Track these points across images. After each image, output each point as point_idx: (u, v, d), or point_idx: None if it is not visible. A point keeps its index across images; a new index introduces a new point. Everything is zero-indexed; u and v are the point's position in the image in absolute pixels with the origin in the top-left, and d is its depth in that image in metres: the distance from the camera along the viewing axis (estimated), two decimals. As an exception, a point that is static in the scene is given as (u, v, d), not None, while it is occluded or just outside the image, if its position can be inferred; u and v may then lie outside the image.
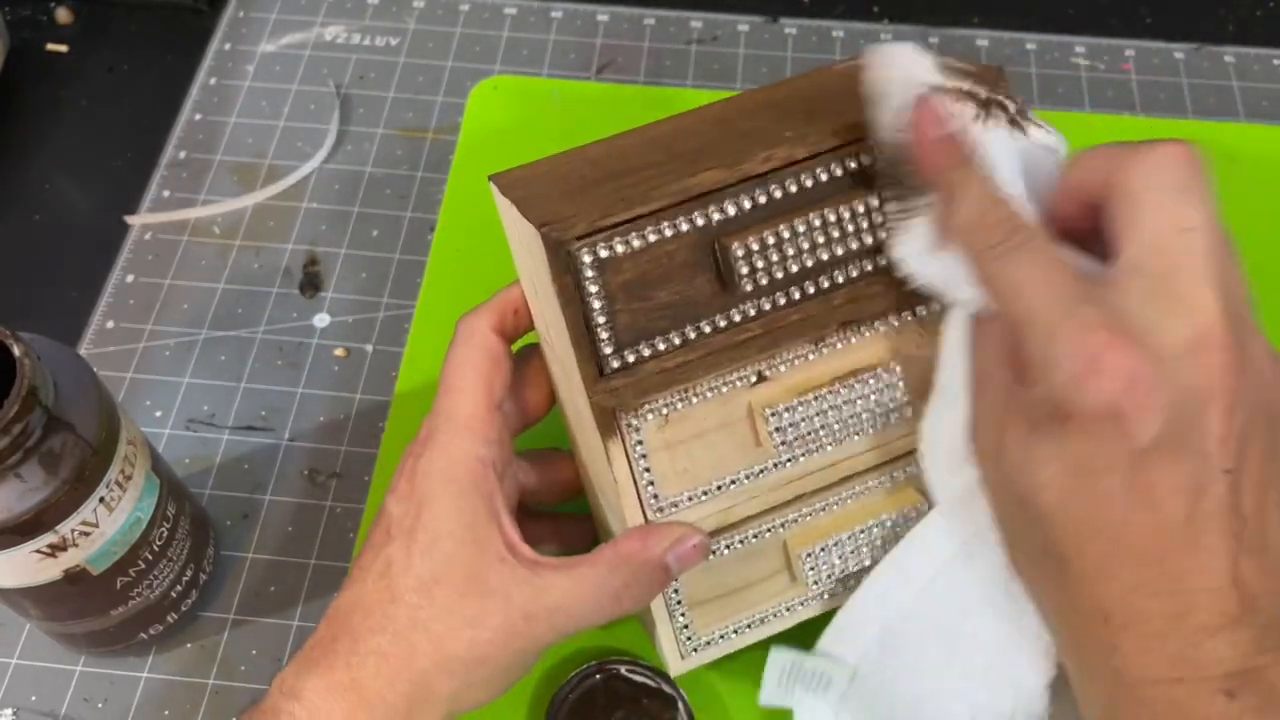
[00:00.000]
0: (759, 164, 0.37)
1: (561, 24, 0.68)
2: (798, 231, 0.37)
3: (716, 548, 0.41)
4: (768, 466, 0.40)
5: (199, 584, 0.48)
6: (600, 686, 0.45)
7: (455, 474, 0.39)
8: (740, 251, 0.37)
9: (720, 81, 0.66)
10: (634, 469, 0.39)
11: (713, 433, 0.39)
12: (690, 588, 0.41)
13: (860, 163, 0.38)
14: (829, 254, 0.38)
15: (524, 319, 0.41)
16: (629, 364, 0.37)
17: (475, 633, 0.37)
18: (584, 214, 0.35)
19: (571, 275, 0.36)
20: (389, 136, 0.64)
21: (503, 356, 0.41)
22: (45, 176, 0.63)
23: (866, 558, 0.42)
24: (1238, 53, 0.66)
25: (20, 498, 0.39)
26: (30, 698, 0.48)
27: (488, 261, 0.42)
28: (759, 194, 0.37)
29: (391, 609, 0.38)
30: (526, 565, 0.38)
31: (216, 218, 0.61)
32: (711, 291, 0.37)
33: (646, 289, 0.37)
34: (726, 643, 0.42)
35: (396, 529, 0.39)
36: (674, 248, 0.37)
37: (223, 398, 0.55)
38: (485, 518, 0.38)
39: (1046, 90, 0.65)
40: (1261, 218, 0.58)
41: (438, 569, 0.38)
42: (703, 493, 0.40)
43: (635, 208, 0.36)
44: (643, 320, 0.37)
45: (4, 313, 0.55)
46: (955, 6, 0.69)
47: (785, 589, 0.42)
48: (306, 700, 0.37)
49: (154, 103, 0.66)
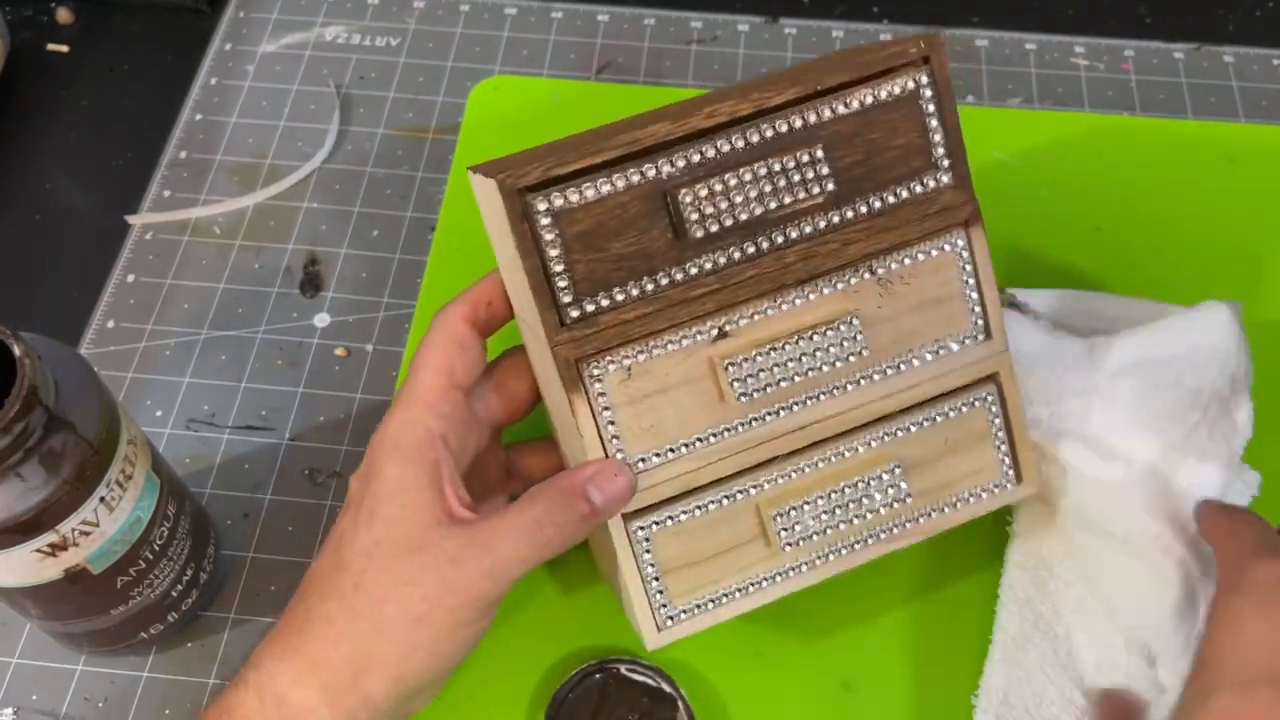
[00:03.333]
0: (704, 119, 0.39)
1: (561, 24, 0.68)
2: (744, 180, 0.39)
3: (688, 510, 0.41)
4: (734, 426, 0.41)
5: (199, 583, 0.48)
6: (600, 685, 0.45)
7: (400, 442, 0.40)
8: (688, 198, 0.39)
9: (720, 81, 0.66)
10: (599, 422, 0.40)
11: (676, 389, 0.40)
12: (663, 553, 0.42)
13: (805, 120, 0.40)
14: (778, 203, 0.40)
15: (498, 310, 0.42)
16: (588, 314, 0.39)
17: (411, 590, 0.38)
18: (539, 165, 0.37)
19: (528, 224, 0.38)
20: (389, 136, 0.64)
21: (469, 341, 0.42)
22: (46, 176, 0.63)
23: (843, 524, 0.42)
24: (1237, 53, 0.66)
25: (21, 497, 0.39)
26: (31, 697, 0.48)
27: (488, 261, 0.42)
28: (706, 148, 0.39)
29: (338, 575, 0.39)
30: (461, 524, 0.39)
31: (217, 217, 0.61)
32: (666, 244, 0.39)
33: (603, 240, 0.38)
34: (705, 615, 0.42)
35: (350, 502, 0.41)
36: (627, 199, 0.38)
37: (223, 397, 0.55)
38: (426, 483, 0.39)
39: (1046, 90, 0.65)
40: (1261, 218, 0.58)
41: (379, 534, 0.39)
42: (669, 450, 0.41)
43: (587, 158, 0.38)
44: (600, 271, 0.39)
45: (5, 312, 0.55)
46: (955, 6, 0.69)
47: (762, 557, 0.43)
48: (262, 667, 0.39)
49: (154, 103, 0.66)
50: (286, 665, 0.38)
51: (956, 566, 0.48)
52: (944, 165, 0.42)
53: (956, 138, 0.42)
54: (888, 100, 0.40)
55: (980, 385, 0.44)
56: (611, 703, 0.45)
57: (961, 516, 0.44)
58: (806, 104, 0.40)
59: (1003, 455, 0.44)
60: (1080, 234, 0.57)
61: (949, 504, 0.44)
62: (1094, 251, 0.56)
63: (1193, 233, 0.57)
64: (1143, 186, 0.59)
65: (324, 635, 0.38)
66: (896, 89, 0.40)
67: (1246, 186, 0.59)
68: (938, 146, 0.41)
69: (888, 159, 0.41)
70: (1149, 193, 0.58)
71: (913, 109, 0.41)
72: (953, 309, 0.43)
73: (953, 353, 0.43)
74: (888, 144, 0.41)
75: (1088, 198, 0.58)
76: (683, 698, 0.44)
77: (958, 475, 0.44)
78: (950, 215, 0.42)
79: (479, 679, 0.46)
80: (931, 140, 0.41)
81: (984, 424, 0.44)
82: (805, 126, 0.40)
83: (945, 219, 0.42)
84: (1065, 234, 0.57)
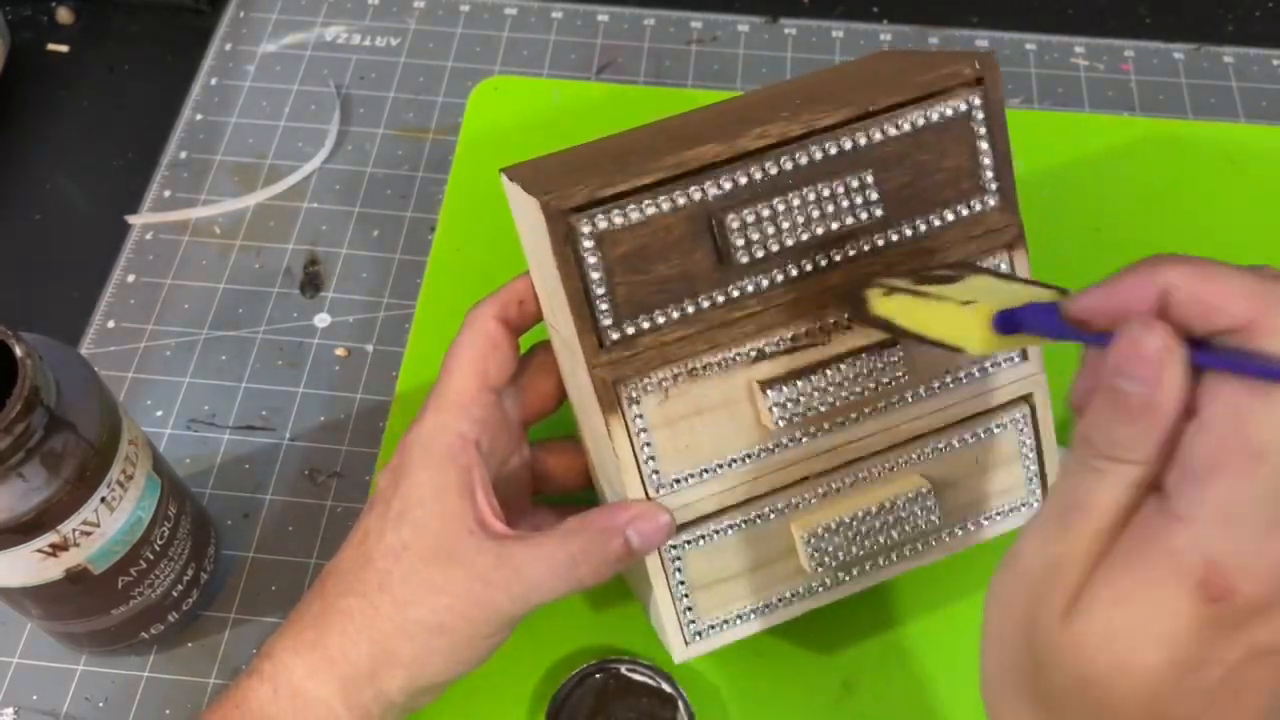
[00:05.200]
0: (753, 140, 0.38)
1: (562, 24, 0.68)
2: (792, 205, 0.38)
3: (720, 529, 0.41)
4: (770, 447, 0.41)
5: (200, 583, 0.48)
6: (600, 685, 0.45)
7: (434, 447, 0.40)
8: (735, 224, 0.38)
9: (720, 82, 0.66)
10: (635, 444, 0.39)
11: (714, 410, 0.40)
12: (693, 570, 0.41)
13: (855, 142, 0.39)
14: (824, 229, 0.39)
15: (529, 309, 0.42)
16: (628, 336, 0.38)
17: (437, 598, 0.38)
18: (584, 186, 0.37)
19: (571, 246, 0.37)
20: (389, 136, 0.64)
21: (502, 341, 0.42)
22: (46, 176, 0.63)
23: (870, 542, 0.42)
24: (1237, 53, 0.66)
25: (22, 497, 0.39)
26: (32, 697, 0.48)
27: (488, 261, 0.42)
28: (754, 170, 0.38)
29: (363, 573, 0.39)
30: (494, 538, 0.39)
31: (217, 218, 0.61)
32: (709, 266, 0.38)
33: (645, 262, 0.38)
34: (731, 630, 0.42)
35: (378, 499, 0.41)
36: (671, 222, 0.38)
37: (224, 397, 0.55)
38: (459, 490, 0.39)
39: (1046, 90, 0.65)
40: (1261, 218, 0.58)
41: (408, 536, 0.39)
42: (704, 471, 0.40)
43: (632, 179, 0.37)
44: (641, 294, 0.38)
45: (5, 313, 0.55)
46: (955, 6, 0.69)
47: (791, 575, 0.42)
48: (276, 657, 0.39)
49: (155, 103, 0.66)
50: (302, 658, 0.39)
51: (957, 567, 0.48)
52: (992, 189, 0.41)
53: (1006, 160, 0.40)
54: (939, 122, 0.39)
55: (1014, 406, 0.43)
56: (612, 703, 0.45)
57: (988, 534, 0.44)
58: (857, 124, 0.38)
59: (1031, 475, 0.44)
60: (1080, 234, 0.57)
61: (976, 522, 0.44)
62: (1094, 251, 0.56)
63: (1192, 233, 0.57)
64: (1143, 186, 0.59)
65: (343, 630, 0.38)
66: (949, 110, 0.39)
67: (1246, 186, 0.59)
68: (986, 170, 0.40)
69: (936, 181, 0.40)
70: (1149, 193, 0.58)
71: (964, 130, 0.40)
72: None
73: (989, 374, 0.42)
74: (937, 166, 0.40)
75: (1088, 198, 0.58)
76: (683, 698, 0.44)
77: (986, 494, 0.44)
78: (995, 238, 0.41)
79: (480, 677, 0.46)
80: (980, 163, 0.40)
81: (1014, 445, 0.44)
82: (855, 148, 0.39)
83: (990, 241, 0.41)
84: (1065, 234, 0.57)
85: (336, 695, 0.38)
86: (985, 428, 0.43)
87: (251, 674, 0.39)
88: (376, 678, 0.38)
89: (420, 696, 0.40)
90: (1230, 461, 0.26)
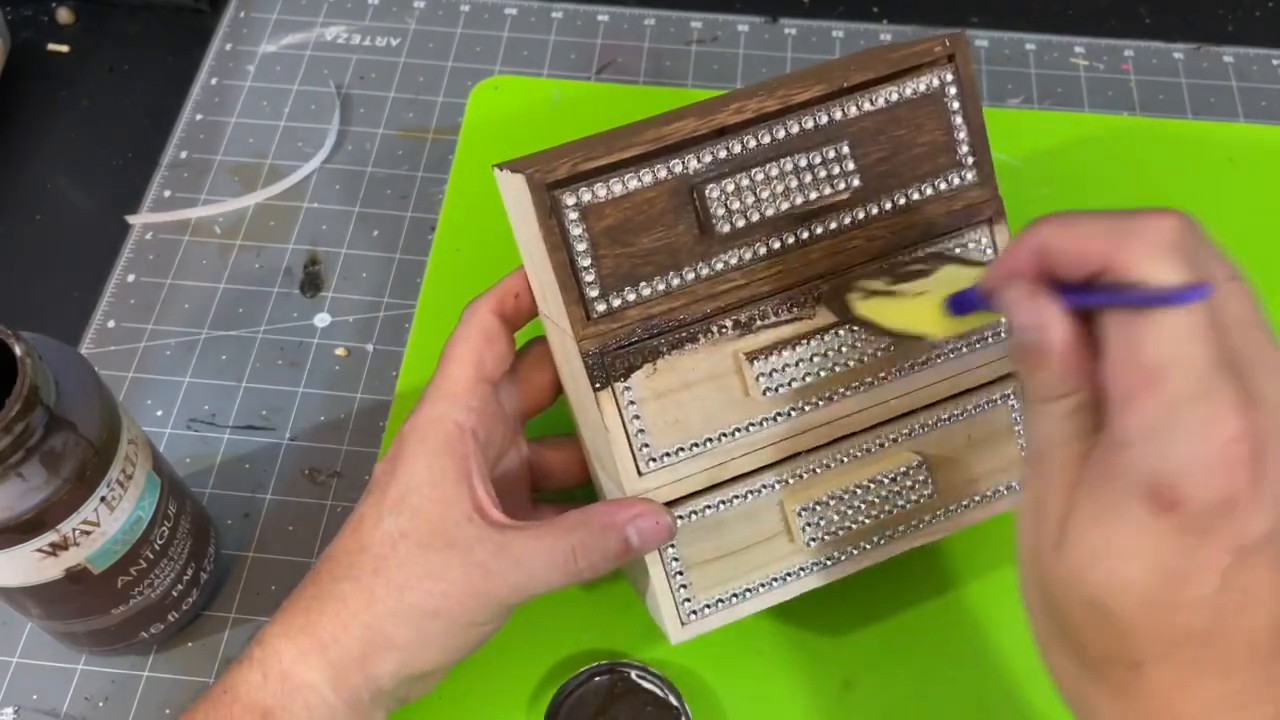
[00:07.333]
0: (730, 115, 0.39)
1: (562, 24, 0.69)
2: (771, 176, 0.39)
3: (713, 505, 0.41)
4: (759, 421, 0.41)
5: (200, 583, 0.48)
6: (606, 687, 0.45)
7: (431, 435, 0.40)
8: (715, 194, 0.39)
9: (720, 82, 0.66)
10: (624, 416, 0.40)
11: (702, 384, 0.40)
12: (688, 548, 0.42)
13: (831, 117, 0.40)
14: (803, 199, 0.40)
15: (524, 303, 0.43)
16: (614, 308, 0.39)
17: (433, 584, 0.38)
18: (567, 160, 0.38)
19: (556, 219, 0.38)
20: (389, 136, 0.64)
21: (497, 334, 0.42)
22: (46, 176, 0.63)
23: (865, 518, 0.42)
24: (1237, 53, 0.67)
25: (22, 497, 0.39)
26: (32, 696, 0.48)
27: (488, 261, 0.42)
28: (733, 144, 0.39)
29: (358, 558, 0.39)
30: (492, 525, 0.39)
31: (217, 217, 0.61)
32: (692, 240, 0.40)
33: (629, 235, 0.39)
34: (727, 610, 0.43)
35: (375, 486, 0.41)
36: (654, 195, 0.39)
37: (224, 397, 0.55)
38: (456, 477, 0.40)
39: (1046, 90, 0.65)
40: (1261, 218, 0.58)
41: (404, 523, 0.39)
42: (694, 445, 0.41)
43: (614, 154, 0.38)
44: (627, 266, 0.39)
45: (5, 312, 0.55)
46: (955, 6, 0.69)
47: (785, 553, 0.43)
48: (266, 643, 0.39)
49: (155, 103, 0.66)
50: (292, 642, 0.39)
51: (957, 566, 0.49)
52: (968, 163, 0.42)
53: (981, 135, 0.42)
54: (913, 97, 0.41)
55: (1002, 383, 0.44)
56: (615, 705, 0.45)
57: (984, 513, 0.44)
58: (832, 100, 0.40)
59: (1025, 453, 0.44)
60: (1080, 234, 0.57)
61: (972, 500, 0.44)
62: (1094, 251, 0.56)
63: (1193, 233, 0.57)
64: (1143, 186, 0.59)
65: (335, 615, 0.39)
66: (922, 86, 0.41)
67: (1246, 186, 0.59)
68: (962, 144, 0.42)
69: (913, 156, 0.41)
70: (1149, 193, 0.58)
71: (938, 106, 0.41)
72: None
73: (976, 350, 0.43)
74: (913, 141, 0.41)
75: (1088, 198, 0.58)
76: (687, 714, 0.44)
77: (981, 472, 0.44)
78: (974, 212, 0.42)
79: (481, 677, 0.46)
80: (956, 138, 0.42)
81: (1007, 421, 0.44)
82: (831, 123, 0.40)
83: (969, 216, 0.42)
84: (1065, 234, 0.57)
85: (325, 679, 0.38)
86: (975, 404, 0.44)
87: (242, 661, 0.39)
88: (368, 662, 0.38)
89: (411, 684, 0.40)
90: (1137, 385, 0.29)
